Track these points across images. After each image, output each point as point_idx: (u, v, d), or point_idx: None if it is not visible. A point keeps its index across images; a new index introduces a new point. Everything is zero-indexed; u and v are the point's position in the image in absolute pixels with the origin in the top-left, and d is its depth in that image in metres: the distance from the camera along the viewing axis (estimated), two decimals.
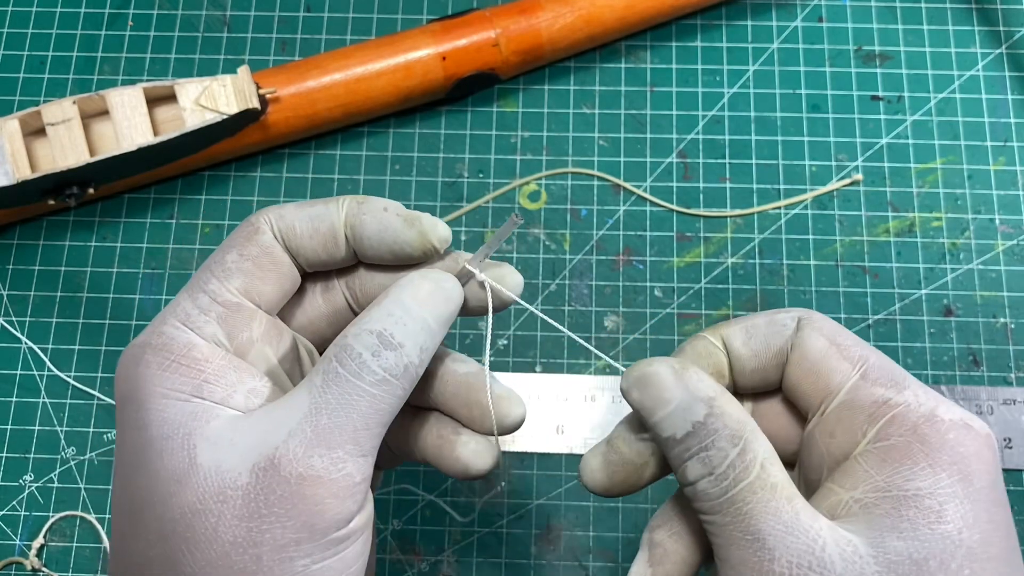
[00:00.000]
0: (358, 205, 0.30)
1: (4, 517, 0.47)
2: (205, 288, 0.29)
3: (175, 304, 0.29)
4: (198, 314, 0.28)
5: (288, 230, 0.30)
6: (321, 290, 0.32)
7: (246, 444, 0.26)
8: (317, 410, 0.26)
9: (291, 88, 0.49)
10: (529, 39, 0.51)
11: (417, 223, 0.30)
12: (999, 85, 0.53)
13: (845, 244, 0.51)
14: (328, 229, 0.30)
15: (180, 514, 0.25)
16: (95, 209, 0.52)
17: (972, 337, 0.49)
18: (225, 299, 0.28)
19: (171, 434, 0.26)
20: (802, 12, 0.55)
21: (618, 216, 0.52)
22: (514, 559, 0.46)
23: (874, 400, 0.26)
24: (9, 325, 0.50)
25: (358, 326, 0.27)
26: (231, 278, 0.29)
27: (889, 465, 0.25)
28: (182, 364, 0.27)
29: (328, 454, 0.26)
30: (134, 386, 0.27)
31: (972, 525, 0.24)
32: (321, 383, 0.26)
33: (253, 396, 0.27)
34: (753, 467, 0.25)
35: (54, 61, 0.54)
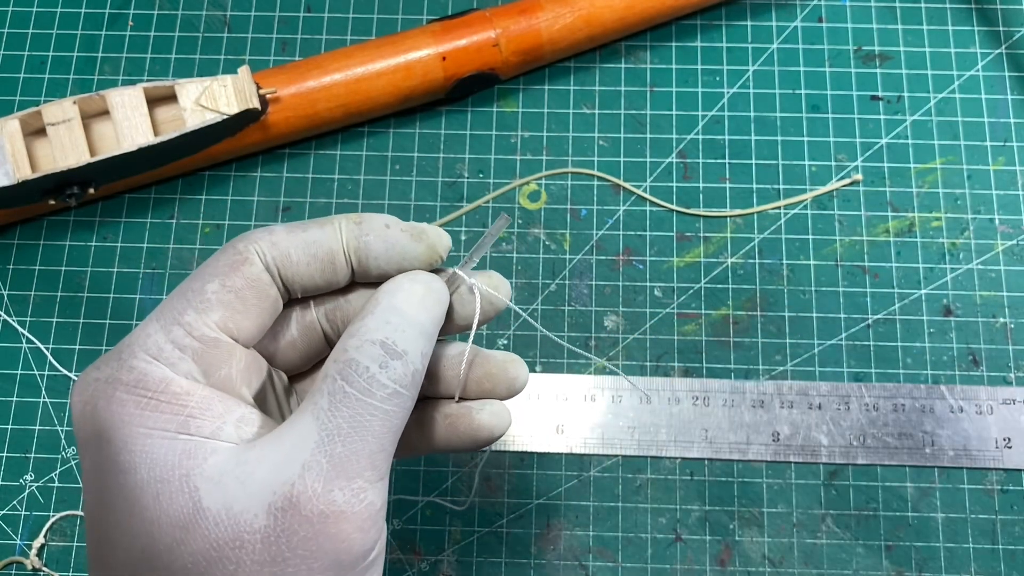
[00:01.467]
0: (357, 226, 0.28)
1: (4, 517, 0.47)
2: (180, 320, 0.26)
3: (143, 333, 0.26)
4: (171, 349, 0.26)
5: (282, 259, 0.28)
6: (296, 318, 0.30)
7: (256, 482, 0.24)
8: (329, 437, 0.24)
9: (291, 88, 0.49)
10: (529, 39, 0.51)
11: (424, 236, 0.29)
12: (999, 85, 0.53)
13: (845, 244, 0.51)
14: (326, 254, 0.28)
15: (192, 562, 0.23)
16: (95, 209, 0.52)
17: (972, 337, 0.49)
18: (201, 334, 0.26)
19: (166, 476, 0.24)
20: (802, 12, 0.55)
21: (618, 216, 0.52)
22: (514, 559, 0.47)
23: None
24: (10, 324, 0.50)
25: (358, 338, 0.26)
26: (210, 311, 0.26)
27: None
28: (161, 401, 0.25)
29: (348, 486, 0.24)
30: (108, 426, 0.25)
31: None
32: (328, 406, 0.25)
33: (244, 425, 0.26)
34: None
35: (54, 61, 0.54)
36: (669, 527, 0.47)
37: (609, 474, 0.48)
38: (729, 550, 0.47)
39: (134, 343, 0.26)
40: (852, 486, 0.47)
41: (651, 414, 0.48)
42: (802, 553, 0.46)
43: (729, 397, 0.48)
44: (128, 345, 0.26)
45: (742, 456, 0.47)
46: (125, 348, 0.26)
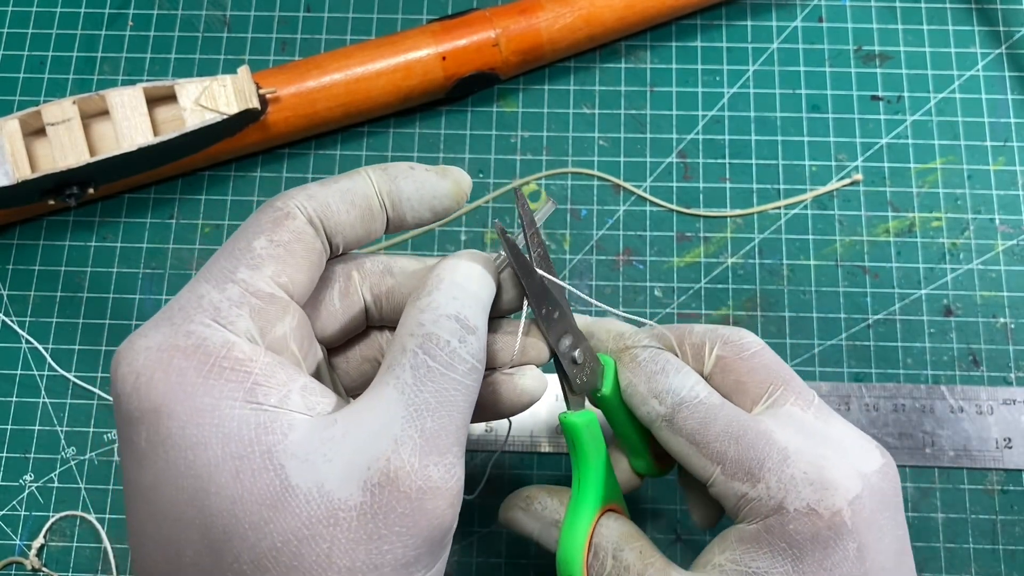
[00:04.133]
0: (384, 172, 0.29)
1: (4, 517, 0.47)
2: (233, 277, 0.25)
3: (196, 296, 0.25)
4: (229, 307, 0.24)
5: (323, 209, 0.28)
6: (339, 288, 0.30)
7: (346, 459, 0.23)
8: (418, 412, 0.24)
9: (291, 88, 0.49)
10: (529, 39, 0.51)
11: (448, 173, 0.30)
12: (999, 85, 0.53)
13: (845, 244, 0.51)
14: (363, 201, 0.28)
15: (282, 542, 0.23)
16: (95, 209, 0.52)
17: (972, 337, 0.49)
18: (258, 289, 0.25)
19: (244, 452, 0.23)
20: (802, 12, 0.55)
21: (618, 216, 0.52)
22: (514, 559, 0.47)
23: (733, 493, 0.30)
24: (9, 325, 0.50)
25: (431, 312, 0.26)
26: (263, 266, 0.26)
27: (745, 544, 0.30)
28: (225, 367, 0.23)
29: (441, 461, 0.24)
30: (168, 398, 0.23)
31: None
32: (413, 380, 0.24)
33: (308, 394, 0.25)
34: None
35: (54, 61, 0.54)
36: (669, 527, 0.47)
37: None
38: None
39: (187, 305, 0.24)
40: None
41: None
42: None
43: None
44: (181, 308, 0.24)
45: None
46: (177, 312, 0.24)
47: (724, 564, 0.30)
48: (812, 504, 0.29)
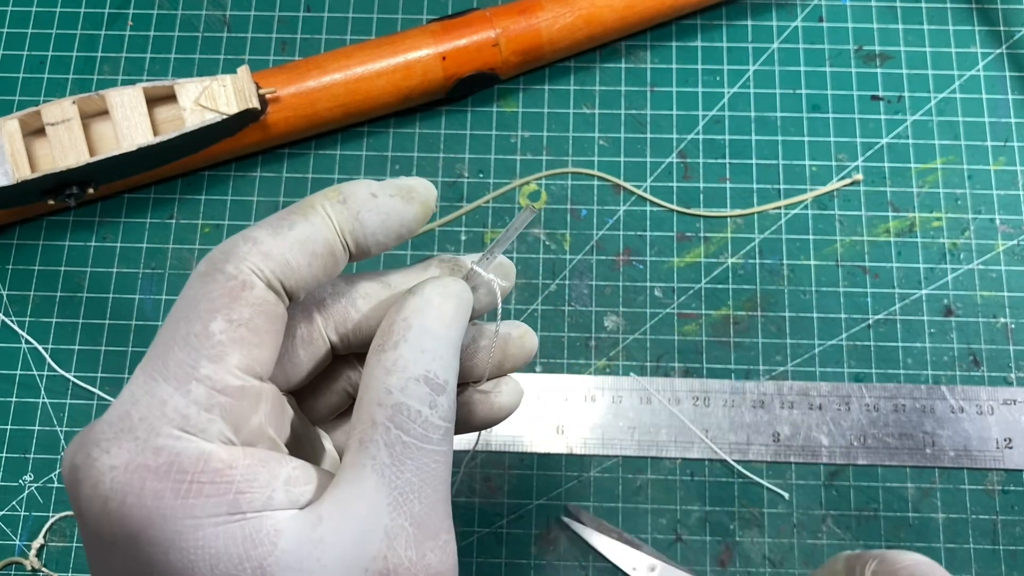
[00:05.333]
0: (343, 205, 0.25)
1: (4, 517, 0.47)
2: (196, 374, 0.22)
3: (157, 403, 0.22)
4: (198, 412, 0.22)
5: (282, 269, 0.24)
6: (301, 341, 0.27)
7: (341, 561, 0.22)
8: (403, 496, 0.23)
9: (291, 88, 0.49)
10: (529, 39, 0.51)
11: (415, 195, 0.26)
12: (999, 85, 0.53)
13: (845, 244, 0.51)
14: (324, 248, 0.25)
15: None
16: (95, 209, 0.52)
17: (972, 337, 0.49)
18: (226, 385, 0.22)
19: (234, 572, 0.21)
20: (802, 12, 0.55)
21: (618, 216, 0.51)
22: (514, 559, 0.46)
23: None
24: (9, 325, 0.50)
25: (398, 376, 0.23)
26: (227, 355, 0.23)
27: None
28: (204, 483, 0.21)
29: (436, 544, 0.23)
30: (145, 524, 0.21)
31: None
32: (391, 460, 0.23)
33: (292, 485, 0.23)
34: None
35: (54, 61, 0.54)
36: (669, 528, 0.47)
37: (609, 474, 0.47)
38: (729, 551, 0.47)
39: (149, 415, 0.22)
40: (853, 486, 0.47)
41: (651, 414, 0.48)
42: (802, 553, 0.46)
43: (729, 397, 0.48)
44: (142, 418, 0.22)
45: (743, 456, 0.47)
46: (139, 422, 0.22)
47: None
48: None
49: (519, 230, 0.27)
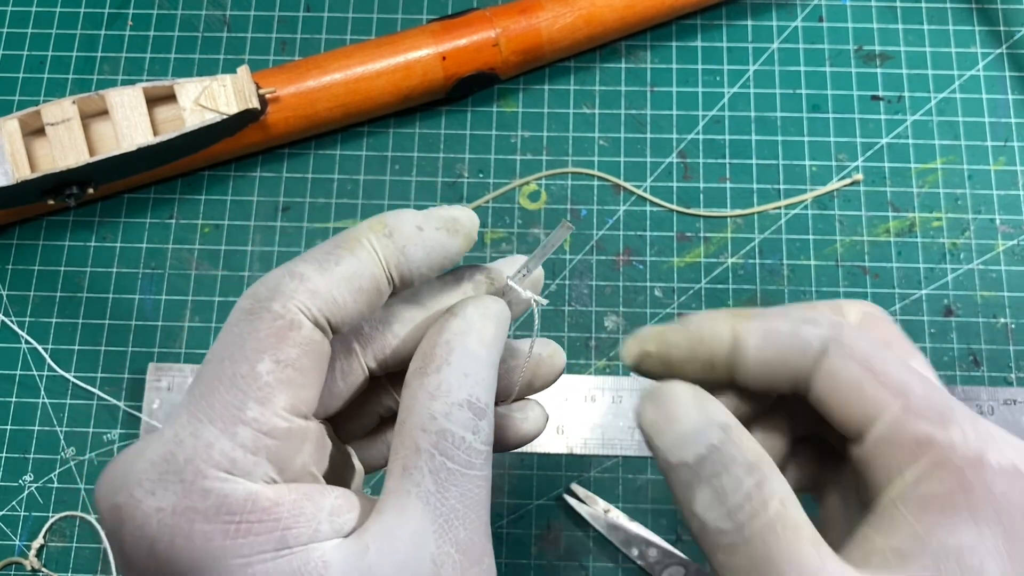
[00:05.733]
0: (389, 239, 0.25)
1: (4, 517, 0.47)
2: (242, 417, 0.22)
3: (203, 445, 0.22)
4: (244, 456, 0.22)
5: (329, 306, 0.24)
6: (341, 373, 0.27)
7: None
8: (448, 523, 0.23)
9: (291, 88, 0.49)
10: (529, 39, 0.51)
11: (459, 227, 0.26)
12: (999, 85, 0.53)
13: (845, 244, 0.51)
14: (371, 284, 0.24)
15: None
16: (95, 209, 0.52)
17: (972, 337, 0.49)
18: (272, 427, 0.22)
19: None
20: (802, 12, 0.55)
21: (618, 216, 0.51)
22: (514, 559, 0.46)
23: (916, 437, 0.23)
24: (9, 325, 0.50)
25: (442, 401, 0.23)
26: (274, 397, 0.22)
27: (930, 515, 0.23)
28: (252, 522, 0.21)
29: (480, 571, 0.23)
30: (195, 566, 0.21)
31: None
32: (436, 488, 0.23)
33: (336, 515, 0.23)
34: (772, 502, 0.23)
35: (54, 61, 0.54)
36: (670, 528, 0.47)
37: (609, 474, 0.47)
38: None
39: (195, 457, 0.22)
40: None
41: None
42: None
43: None
44: (188, 460, 0.22)
45: None
46: (185, 465, 0.22)
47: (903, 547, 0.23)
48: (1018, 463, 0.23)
49: (556, 246, 0.27)
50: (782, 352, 0.25)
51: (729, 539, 0.23)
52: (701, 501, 0.23)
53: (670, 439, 0.24)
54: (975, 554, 0.22)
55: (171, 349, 0.49)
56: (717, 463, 0.23)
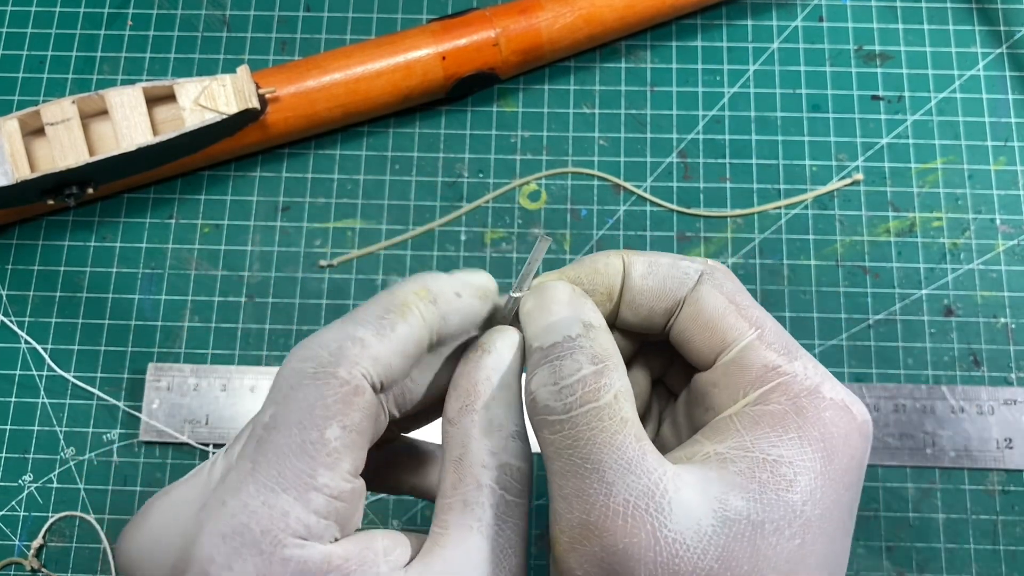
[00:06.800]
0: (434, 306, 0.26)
1: (3, 517, 0.47)
2: (314, 483, 0.23)
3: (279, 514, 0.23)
4: (317, 521, 0.23)
5: (386, 373, 0.25)
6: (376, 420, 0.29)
7: None
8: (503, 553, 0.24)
9: (291, 88, 0.49)
10: (529, 39, 0.51)
11: (488, 294, 0.27)
12: (999, 85, 0.53)
13: (845, 244, 0.51)
14: (417, 350, 0.26)
15: None
16: (95, 209, 0.52)
17: (973, 337, 0.49)
18: (342, 491, 0.23)
19: None
20: (802, 12, 0.55)
21: (618, 216, 0.51)
22: None
23: (764, 364, 0.26)
24: (9, 325, 0.50)
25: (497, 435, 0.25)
26: (341, 462, 0.23)
27: (760, 429, 0.25)
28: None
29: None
30: None
31: (819, 500, 0.24)
32: (495, 520, 0.24)
33: (389, 556, 0.24)
34: (605, 393, 0.24)
35: (53, 61, 0.54)
36: None
37: None
38: None
39: (273, 527, 0.22)
40: None
41: None
42: None
43: None
44: (265, 531, 0.22)
45: None
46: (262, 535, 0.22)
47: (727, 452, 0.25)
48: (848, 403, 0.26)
49: (539, 260, 0.27)
50: (663, 280, 0.28)
51: (554, 417, 0.24)
52: (537, 378, 0.25)
53: (538, 326, 0.26)
54: (791, 467, 0.24)
55: (171, 349, 0.49)
56: (565, 349, 0.25)
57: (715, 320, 0.27)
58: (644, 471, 0.23)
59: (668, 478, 0.23)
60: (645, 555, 0.22)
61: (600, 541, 0.23)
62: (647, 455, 0.24)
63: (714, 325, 0.27)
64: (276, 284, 0.51)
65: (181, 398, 0.48)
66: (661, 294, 0.28)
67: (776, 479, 0.24)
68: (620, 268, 0.28)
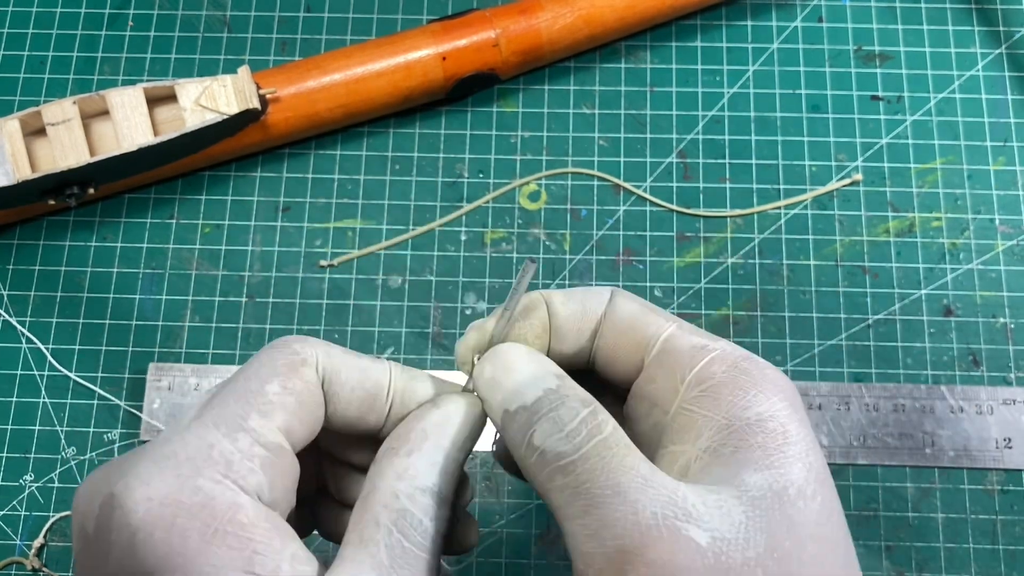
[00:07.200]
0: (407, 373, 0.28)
1: (4, 517, 0.47)
2: (244, 425, 0.24)
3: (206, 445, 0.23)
4: (240, 460, 0.24)
5: (334, 373, 0.27)
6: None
7: None
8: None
9: (291, 88, 0.49)
10: (529, 39, 0.51)
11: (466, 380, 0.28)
12: (999, 85, 0.53)
13: (845, 244, 0.51)
14: (374, 387, 0.27)
15: None
16: (95, 209, 0.52)
17: (972, 337, 0.49)
18: (269, 441, 0.24)
19: None
20: (802, 12, 0.55)
21: (618, 216, 0.52)
22: (514, 559, 0.47)
23: (692, 345, 0.27)
24: (11, 323, 0.50)
25: (407, 482, 0.25)
26: (274, 414, 0.25)
27: (723, 400, 0.25)
28: (228, 532, 0.22)
29: None
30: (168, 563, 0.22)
31: (812, 447, 0.24)
32: (389, 561, 0.24)
33: (296, 563, 0.24)
34: (605, 426, 0.24)
35: (54, 61, 0.54)
36: None
37: None
38: None
39: (196, 456, 0.23)
40: (852, 486, 0.47)
41: None
42: None
43: None
44: (189, 458, 0.23)
45: None
46: (185, 461, 0.23)
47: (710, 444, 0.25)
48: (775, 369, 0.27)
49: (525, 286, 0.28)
50: (580, 301, 0.29)
51: (567, 459, 0.24)
52: (541, 432, 0.25)
53: (509, 388, 0.26)
54: (774, 419, 0.24)
55: (172, 349, 0.50)
56: (555, 400, 0.25)
57: (635, 321, 0.28)
58: (661, 484, 0.23)
59: (683, 486, 0.23)
60: (692, 562, 0.22)
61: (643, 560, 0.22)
62: (656, 471, 0.24)
63: (635, 325, 0.28)
64: (277, 284, 0.51)
65: (182, 398, 0.48)
66: (582, 314, 0.29)
67: (771, 436, 0.24)
68: (541, 299, 0.29)
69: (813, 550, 0.23)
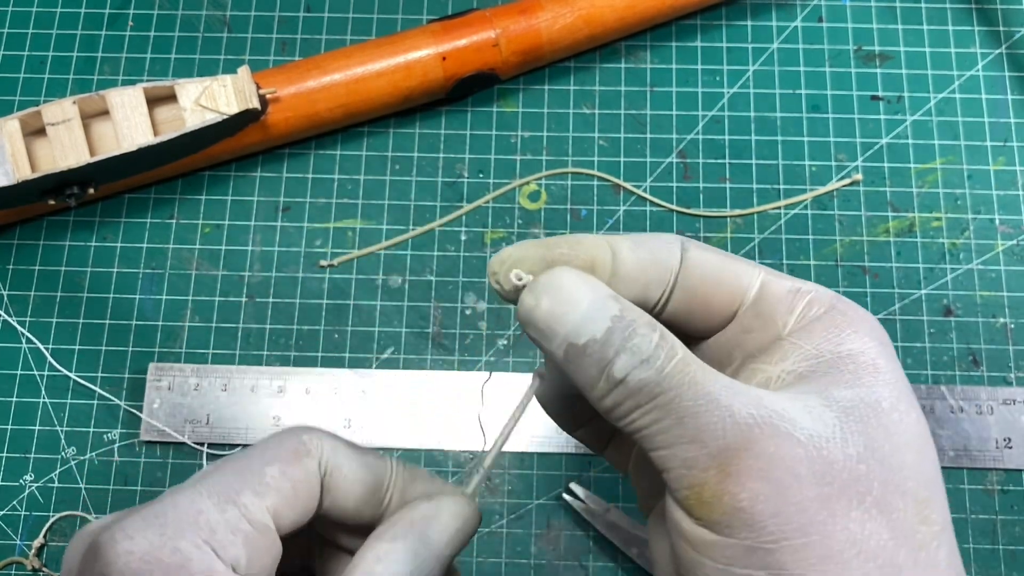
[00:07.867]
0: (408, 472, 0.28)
1: (4, 517, 0.47)
2: (236, 499, 0.25)
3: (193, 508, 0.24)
4: (224, 532, 0.24)
5: (336, 468, 0.27)
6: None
7: None
8: None
9: (291, 88, 0.49)
10: (529, 39, 0.51)
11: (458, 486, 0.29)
12: (999, 85, 0.53)
13: (845, 244, 0.51)
14: (375, 483, 0.28)
15: None
16: (95, 209, 0.52)
17: (972, 337, 0.49)
18: (256, 519, 0.25)
19: None
20: (802, 12, 0.55)
21: (618, 216, 0.52)
22: (514, 559, 0.47)
23: (788, 289, 0.26)
24: (11, 323, 0.50)
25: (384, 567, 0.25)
26: (267, 495, 0.25)
27: (817, 335, 0.25)
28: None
29: None
30: None
31: (903, 379, 0.24)
32: None
33: None
34: (678, 348, 0.24)
35: (54, 61, 0.54)
36: None
37: (609, 474, 0.48)
38: None
39: (182, 519, 0.24)
40: None
41: None
42: None
43: None
44: (175, 520, 0.24)
45: None
46: (171, 523, 0.24)
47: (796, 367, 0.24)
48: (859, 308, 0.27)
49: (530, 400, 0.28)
50: (652, 251, 0.27)
51: (652, 388, 0.23)
52: (621, 364, 0.23)
53: (575, 320, 0.24)
54: (866, 354, 0.24)
55: (171, 349, 0.50)
56: (625, 328, 0.24)
57: (722, 271, 0.27)
58: (747, 390, 0.23)
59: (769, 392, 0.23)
60: (795, 451, 0.22)
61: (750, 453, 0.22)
62: (736, 382, 0.24)
63: (723, 277, 0.27)
64: (276, 284, 0.51)
65: (182, 398, 0.48)
66: (652, 263, 0.27)
67: (863, 367, 0.24)
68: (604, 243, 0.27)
69: (911, 458, 0.23)
